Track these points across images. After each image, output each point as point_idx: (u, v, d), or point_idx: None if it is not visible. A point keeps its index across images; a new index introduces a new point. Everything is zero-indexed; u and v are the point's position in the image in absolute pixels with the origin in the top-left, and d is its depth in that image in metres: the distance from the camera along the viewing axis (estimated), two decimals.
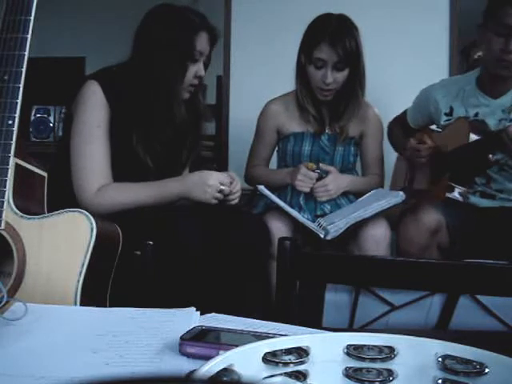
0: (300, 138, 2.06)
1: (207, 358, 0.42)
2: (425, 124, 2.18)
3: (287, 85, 2.11)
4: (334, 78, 1.95)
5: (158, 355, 0.56)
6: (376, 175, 2.12)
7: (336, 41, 1.90)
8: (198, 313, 0.69)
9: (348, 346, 0.46)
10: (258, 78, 2.95)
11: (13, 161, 0.94)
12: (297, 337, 0.47)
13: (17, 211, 0.94)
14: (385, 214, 1.87)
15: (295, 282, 1.01)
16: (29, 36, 0.96)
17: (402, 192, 1.85)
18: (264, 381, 0.43)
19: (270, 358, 0.44)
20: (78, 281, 0.92)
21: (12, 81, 0.94)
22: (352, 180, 2.05)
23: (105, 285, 1.05)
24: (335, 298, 1.10)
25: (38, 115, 3.44)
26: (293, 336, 0.47)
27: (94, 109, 1.55)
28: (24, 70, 0.95)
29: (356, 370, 0.45)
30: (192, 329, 0.60)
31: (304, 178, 1.94)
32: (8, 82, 0.94)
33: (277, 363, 0.44)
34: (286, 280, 1.01)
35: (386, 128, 2.22)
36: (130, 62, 1.64)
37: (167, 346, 0.58)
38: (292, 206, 1.95)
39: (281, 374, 0.44)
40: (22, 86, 0.95)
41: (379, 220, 1.86)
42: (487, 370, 0.43)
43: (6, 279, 0.92)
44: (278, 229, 1.80)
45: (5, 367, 0.54)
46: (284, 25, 2.89)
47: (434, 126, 2.15)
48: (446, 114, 2.01)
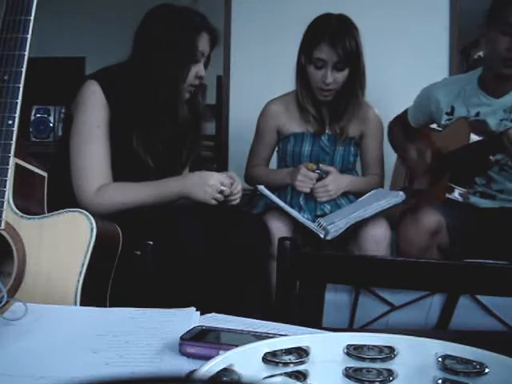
0: (300, 138, 2.06)
1: (207, 358, 0.42)
2: (425, 123, 2.17)
3: (287, 85, 2.11)
4: (334, 78, 1.94)
5: (158, 355, 0.56)
6: (376, 175, 2.12)
7: (336, 41, 1.90)
8: (198, 313, 0.69)
9: (348, 346, 0.46)
10: (258, 78, 2.95)
11: (13, 161, 0.94)
12: (297, 337, 0.47)
13: (17, 211, 0.94)
14: (385, 214, 1.87)
15: (295, 282, 1.01)
16: (29, 36, 0.96)
17: (401, 192, 1.85)
18: (264, 381, 0.43)
19: (270, 358, 0.44)
20: (78, 281, 0.92)
21: (12, 81, 0.94)
22: (352, 180, 2.05)
23: (105, 285, 1.05)
24: (335, 298, 1.10)
25: (38, 115, 3.44)
26: (293, 336, 0.47)
27: (93, 109, 1.55)
28: (24, 69, 0.95)
29: (356, 369, 0.45)
30: (192, 329, 0.60)
31: (304, 179, 1.94)
32: (8, 82, 0.94)
33: (277, 363, 0.44)
34: (286, 280, 1.01)
35: (386, 128, 2.22)
36: (130, 62, 1.64)
37: (167, 345, 0.58)
38: (292, 206, 1.95)
39: (281, 374, 0.44)
40: (22, 86, 0.95)
41: (379, 220, 1.86)
42: (487, 370, 0.43)
43: (5, 279, 0.92)
44: (278, 229, 1.80)
45: (5, 367, 0.54)
46: (284, 25, 2.89)
47: (435, 125, 2.15)
48: (447, 114, 2.01)
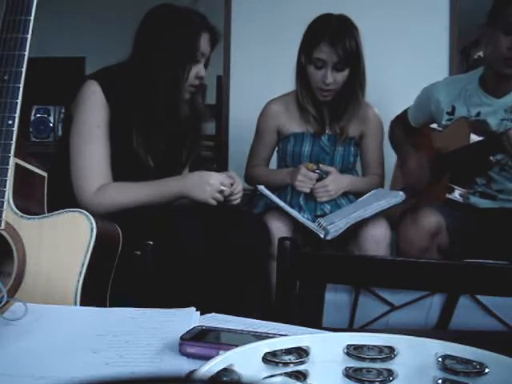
0: (300, 138, 2.06)
1: (207, 358, 0.42)
2: (426, 123, 2.17)
3: (287, 85, 2.11)
4: (334, 79, 1.94)
5: (158, 355, 0.56)
6: (376, 175, 2.12)
7: (336, 41, 1.90)
8: (198, 313, 0.69)
9: (348, 346, 0.46)
10: (258, 78, 2.95)
11: (13, 161, 0.94)
12: (297, 337, 0.47)
13: (17, 211, 0.94)
14: (385, 214, 1.87)
15: (295, 282, 1.01)
16: (29, 36, 0.96)
17: (401, 192, 1.85)
18: (264, 381, 0.43)
19: (270, 358, 0.44)
20: (78, 281, 0.92)
21: (12, 81, 0.94)
22: (352, 180, 2.05)
23: (105, 285, 1.05)
24: (335, 298, 1.10)
25: (38, 115, 3.44)
26: (293, 336, 0.47)
27: (93, 109, 1.55)
28: (24, 69, 0.95)
29: (356, 369, 0.45)
30: (192, 329, 0.60)
31: (304, 179, 1.94)
32: (8, 82, 0.94)
33: (277, 363, 0.44)
34: (286, 280, 1.01)
35: (386, 128, 2.22)
36: (130, 62, 1.64)
37: (167, 345, 0.58)
38: (292, 206, 1.95)
39: (281, 374, 0.44)
40: (22, 86, 0.95)
41: (379, 220, 1.86)
42: (487, 370, 0.43)
43: (5, 279, 0.92)
44: (278, 229, 1.80)
45: (5, 367, 0.54)
46: (284, 25, 2.89)
47: (435, 125, 2.15)
48: (448, 113, 2.01)
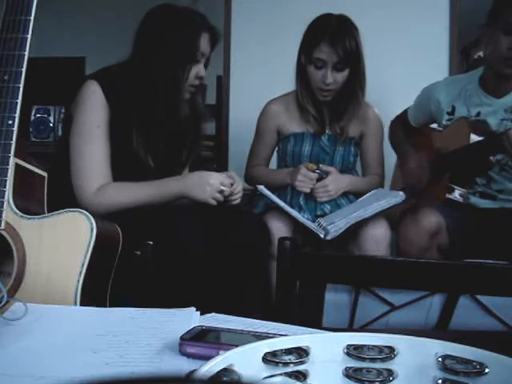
0: (300, 138, 2.06)
1: (207, 358, 0.42)
2: (426, 123, 2.17)
3: (287, 85, 2.11)
4: (334, 79, 1.94)
5: (158, 355, 0.56)
6: (376, 175, 2.12)
7: (336, 41, 1.90)
8: (198, 313, 0.69)
9: (348, 345, 0.46)
10: (258, 78, 2.94)
11: (13, 161, 0.94)
12: (297, 337, 0.47)
13: (17, 211, 0.94)
14: (385, 214, 1.87)
15: (295, 282, 1.01)
16: (29, 36, 0.96)
17: (401, 192, 1.85)
18: (264, 381, 0.43)
19: (270, 358, 0.44)
20: (78, 281, 0.92)
21: (12, 81, 0.94)
22: (352, 180, 2.05)
23: (105, 285, 1.05)
24: (335, 298, 1.10)
25: (38, 115, 3.44)
26: (293, 336, 0.47)
27: (93, 109, 1.55)
28: (24, 69, 0.95)
29: (356, 369, 0.45)
30: (192, 329, 0.60)
31: (304, 179, 1.94)
32: (8, 82, 0.94)
33: (277, 363, 0.44)
34: (286, 280, 1.01)
35: (386, 128, 2.22)
36: (130, 62, 1.64)
37: (167, 346, 0.58)
38: (292, 206, 1.94)
39: (281, 374, 0.44)
40: (22, 86, 0.95)
41: (379, 220, 1.86)
42: (487, 370, 0.43)
43: (5, 279, 0.92)
44: (278, 229, 1.80)
45: (5, 367, 0.54)
46: (284, 25, 2.89)
47: (435, 125, 2.14)
48: (448, 113, 2.01)
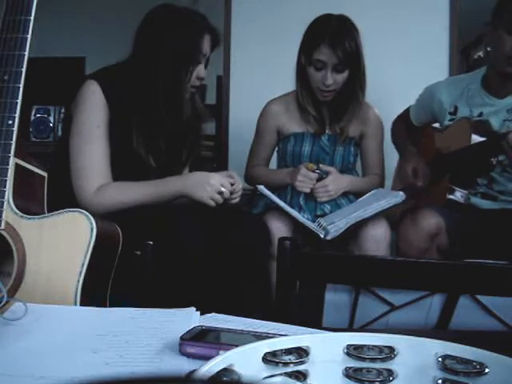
0: (300, 138, 2.06)
1: (207, 358, 0.42)
2: (428, 122, 2.17)
3: (287, 85, 2.11)
4: (334, 80, 1.94)
5: (158, 355, 0.56)
6: (376, 175, 2.12)
7: (336, 43, 1.90)
8: (198, 313, 0.69)
9: (348, 345, 0.46)
10: (258, 78, 2.94)
11: (13, 161, 0.94)
12: (297, 337, 0.47)
13: (17, 211, 0.94)
14: (385, 214, 1.87)
15: (295, 282, 1.01)
16: (29, 36, 0.96)
17: (402, 192, 1.85)
18: (264, 381, 0.43)
19: (270, 358, 0.44)
20: (78, 281, 0.92)
21: (12, 81, 0.94)
22: (352, 180, 2.05)
23: (105, 285, 1.05)
24: (335, 298, 1.10)
25: (38, 115, 3.44)
26: (293, 336, 0.47)
27: (93, 109, 1.55)
28: (24, 69, 0.95)
29: (356, 369, 0.45)
30: (192, 329, 0.60)
31: (304, 179, 1.94)
32: (8, 82, 0.94)
33: (277, 363, 0.44)
34: (286, 280, 1.01)
35: (386, 128, 2.22)
36: (130, 62, 1.64)
37: (167, 345, 0.58)
38: (292, 206, 1.94)
39: (281, 374, 0.44)
40: (22, 86, 0.95)
41: (379, 220, 1.86)
42: (487, 370, 0.43)
43: (5, 279, 0.92)
44: (278, 229, 1.80)
45: (5, 367, 0.54)
46: (284, 25, 2.89)
47: (437, 125, 2.14)
48: (451, 113, 2.01)
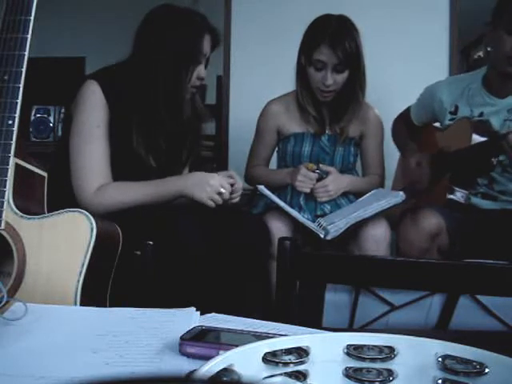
0: (300, 138, 2.06)
1: (207, 358, 0.42)
2: (428, 121, 2.17)
3: (287, 85, 2.11)
4: (334, 80, 1.94)
5: (158, 355, 0.56)
6: (376, 175, 2.12)
7: (336, 43, 1.89)
8: (198, 313, 0.69)
9: (348, 346, 0.46)
10: (258, 78, 2.94)
11: (13, 161, 0.94)
12: (297, 337, 0.47)
13: (17, 211, 0.94)
14: (385, 214, 1.87)
15: (295, 282, 1.01)
16: (29, 36, 0.96)
17: (402, 192, 1.85)
18: (264, 381, 0.43)
19: (270, 358, 0.44)
20: (78, 281, 0.92)
21: (12, 81, 0.94)
22: (352, 180, 2.05)
23: (105, 285, 1.05)
24: (335, 298, 1.10)
25: (38, 115, 3.44)
26: (293, 336, 0.47)
27: (93, 109, 1.55)
28: (24, 69, 0.95)
29: (356, 370, 0.45)
30: (192, 329, 0.60)
31: (304, 179, 1.94)
32: (8, 82, 0.94)
33: (277, 363, 0.44)
34: (286, 280, 1.01)
35: (386, 129, 2.22)
36: (130, 62, 1.64)
37: (167, 345, 0.58)
38: (292, 206, 1.94)
39: (281, 374, 0.44)
40: (22, 85, 0.95)
41: (379, 220, 1.86)
42: (487, 370, 0.43)
43: (5, 279, 0.92)
44: (278, 229, 1.80)
45: (5, 367, 0.54)
46: (284, 25, 2.89)
47: (438, 124, 2.14)
48: (451, 113, 2.00)
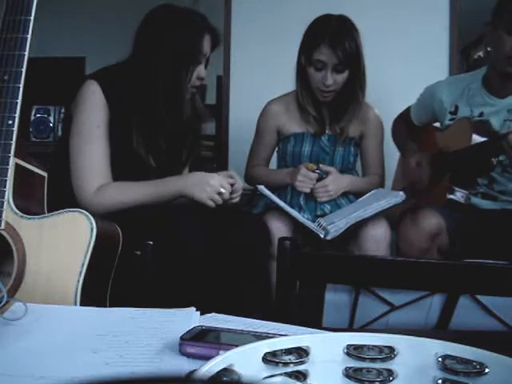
0: (300, 138, 2.06)
1: (207, 358, 0.42)
2: (428, 121, 2.17)
3: (287, 85, 2.11)
4: (334, 80, 1.94)
5: (158, 355, 0.56)
6: (376, 175, 2.12)
7: (336, 43, 1.89)
8: (198, 313, 0.69)
9: (348, 346, 0.46)
10: (258, 78, 2.94)
11: (13, 161, 0.94)
12: (297, 337, 0.47)
13: (17, 211, 0.94)
14: (385, 214, 1.87)
15: (295, 282, 1.01)
16: (29, 36, 0.96)
17: (402, 192, 1.85)
18: (264, 381, 0.43)
19: (270, 358, 0.44)
20: (78, 281, 0.92)
21: (12, 81, 0.94)
22: (352, 180, 2.05)
23: (105, 285, 1.05)
24: (335, 298, 1.10)
25: (38, 115, 3.44)
26: (293, 336, 0.47)
27: (93, 109, 1.55)
28: (24, 69, 0.95)
29: (356, 369, 0.45)
30: (192, 329, 0.60)
31: (304, 179, 1.94)
32: (8, 82, 0.94)
33: (277, 363, 0.44)
34: (286, 280, 1.01)
35: (386, 129, 2.22)
36: (130, 62, 1.64)
37: (167, 345, 0.58)
38: (292, 206, 1.94)
39: (281, 374, 0.44)
40: (22, 86, 0.95)
41: (379, 220, 1.86)
42: (487, 370, 0.43)
43: (5, 279, 0.92)
44: (278, 229, 1.80)
45: (5, 367, 0.54)
46: (284, 25, 2.89)
47: (438, 124, 2.14)
48: (451, 113, 2.00)
